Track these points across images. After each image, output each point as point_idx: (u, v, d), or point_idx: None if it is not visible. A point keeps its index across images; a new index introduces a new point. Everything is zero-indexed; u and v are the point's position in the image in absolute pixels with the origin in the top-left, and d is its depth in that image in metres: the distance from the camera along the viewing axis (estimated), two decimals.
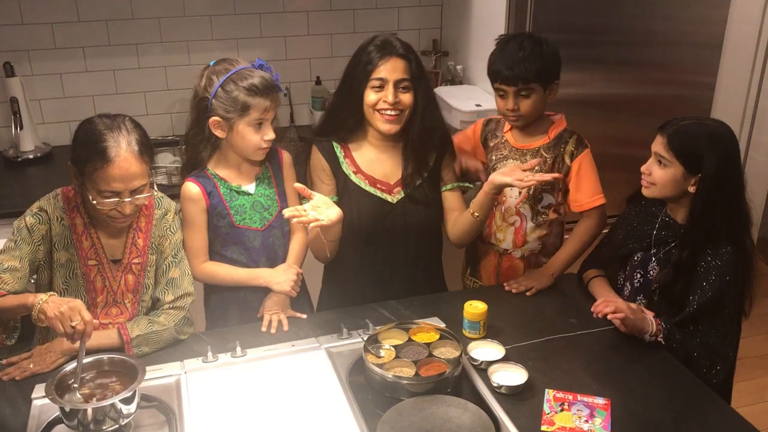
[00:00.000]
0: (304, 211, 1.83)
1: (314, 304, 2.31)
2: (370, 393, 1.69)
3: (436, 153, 2.15)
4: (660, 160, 1.88)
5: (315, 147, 2.14)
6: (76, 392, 1.54)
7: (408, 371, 1.69)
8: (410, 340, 1.81)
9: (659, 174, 1.89)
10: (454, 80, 3.34)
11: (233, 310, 2.11)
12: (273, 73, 1.99)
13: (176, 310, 1.89)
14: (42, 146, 3.07)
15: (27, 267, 1.79)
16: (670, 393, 1.72)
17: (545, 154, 2.22)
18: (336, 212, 1.87)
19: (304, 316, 2.03)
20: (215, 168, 2.04)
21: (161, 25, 3.14)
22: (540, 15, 2.80)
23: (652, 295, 1.97)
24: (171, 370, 1.76)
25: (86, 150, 1.71)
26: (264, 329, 1.95)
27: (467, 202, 2.17)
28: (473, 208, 2.08)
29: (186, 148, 2.10)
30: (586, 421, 1.59)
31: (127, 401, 1.51)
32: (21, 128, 2.96)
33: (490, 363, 1.76)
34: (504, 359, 1.78)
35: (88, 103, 3.13)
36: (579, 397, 1.65)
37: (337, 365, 1.79)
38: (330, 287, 2.28)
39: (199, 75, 2.00)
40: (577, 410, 1.62)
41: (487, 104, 3.00)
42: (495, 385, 1.70)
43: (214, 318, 2.16)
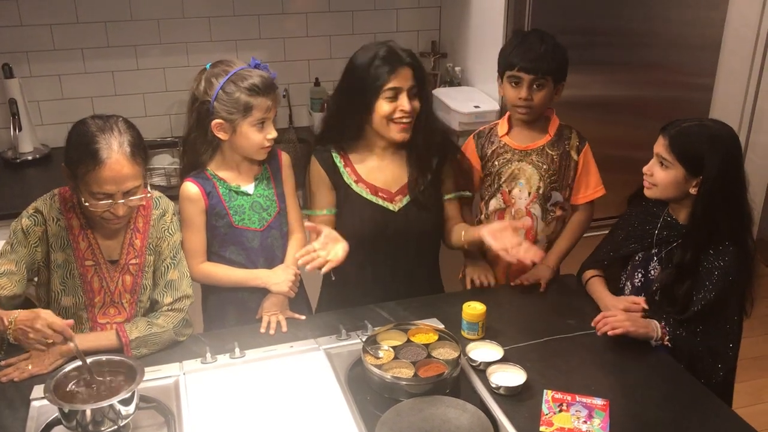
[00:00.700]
0: (314, 251, 1.84)
1: (313, 307, 2.31)
2: (369, 394, 1.69)
3: (438, 157, 2.15)
4: (662, 161, 1.89)
5: (314, 158, 2.14)
6: (93, 392, 1.54)
7: (407, 372, 1.69)
8: (409, 341, 1.81)
9: (661, 175, 1.89)
10: (453, 82, 3.34)
11: (231, 311, 2.11)
12: (269, 72, 2.00)
13: (175, 312, 1.89)
14: (41, 147, 3.07)
15: (24, 270, 1.79)
16: (669, 394, 1.72)
17: (550, 152, 2.24)
18: (343, 249, 1.87)
19: (303, 317, 2.03)
20: (214, 169, 2.04)
21: (160, 27, 3.14)
22: (538, 17, 2.80)
23: (653, 294, 1.97)
24: (170, 371, 1.76)
25: (78, 152, 1.70)
26: (263, 330, 1.95)
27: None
28: (465, 237, 2.13)
29: (184, 151, 2.09)
30: (585, 422, 1.59)
31: (125, 402, 1.51)
32: (20, 129, 2.96)
33: (489, 364, 1.76)
34: (502, 360, 1.78)
35: (86, 105, 3.12)
36: (577, 398, 1.66)
37: (335, 366, 1.79)
38: (330, 291, 2.28)
39: (195, 79, 1.99)
40: (576, 411, 1.62)
41: (485, 106, 3.00)
42: (493, 385, 1.70)
43: (211, 319, 2.16)
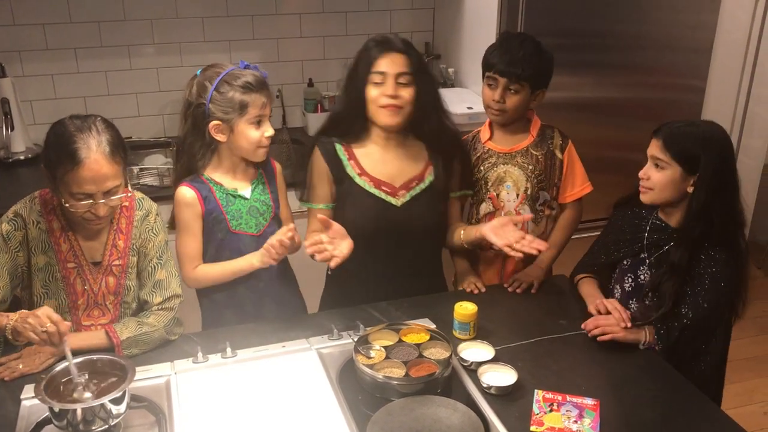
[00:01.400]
0: (322, 243, 1.85)
1: (317, 304, 2.29)
2: (361, 394, 1.69)
3: (443, 157, 2.15)
4: (657, 163, 1.89)
5: (318, 149, 2.12)
6: (84, 391, 1.54)
7: (398, 372, 1.69)
8: (400, 341, 1.81)
9: (657, 177, 1.89)
10: (446, 83, 3.35)
11: (228, 313, 2.10)
12: (260, 71, 2.00)
13: (165, 311, 1.88)
14: (33, 147, 3.06)
15: (7, 276, 1.77)
16: (659, 394, 1.72)
17: (534, 152, 2.24)
18: (348, 246, 1.89)
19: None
20: (210, 173, 2.03)
21: (153, 27, 3.14)
22: (531, 19, 2.82)
23: (644, 298, 1.97)
24: (161, 371, 1.75)
25: (56, 153, 1.68)
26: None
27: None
28: (465, 237, 2.15)
29: (179, 156, 2.07)
30: (575, 422, 1.59)
31: (116, 401, 1.50)
32: (12, 129, 2.95)
33: (480, 364, 1.77)
34: (494, 360, 1.78)
35: (79, 105, 3.12)
36: (568, 398, 1.66)
37: (327, 366, 1.79)
38: (332, 288, 2.28)
39: (187, 86, 1.98)
40: (566, 411, 1.63)
41: (478, 107, 2.99)
42: (485, 385, 1.70)
43: (208, 323, 2.15)
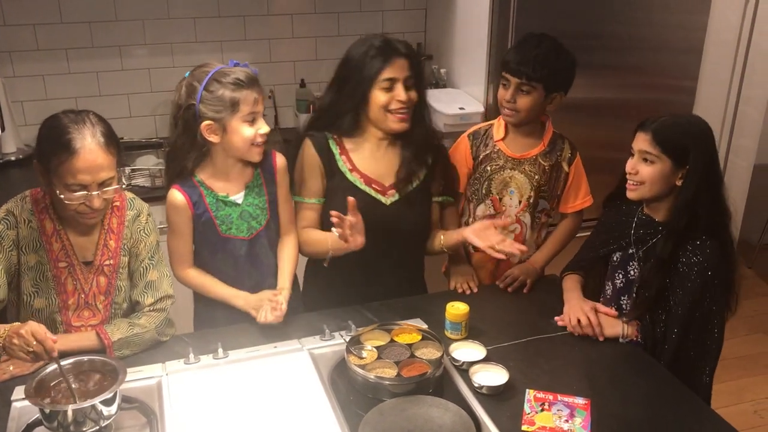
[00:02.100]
0: (345, 222, 1.89)
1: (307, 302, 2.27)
2: (352, 394, 1.69)
3: (431, 159, 2.15)
4: (646, 157, 1.88)
5: (309, 141, 2.10)
6: (74, 393, 1.53)
7: (390, 372, 1.70)
8: (392, 341, 1.81)
9: (647, 171, 1.89)
10: (438, 84, 3.35)
11: (220, 316, 2.08)
12: (251, 69, 1.98)
13: (157, 312, 1.88)
14: (24, 148, 3.05)
15: (4, 275, 1.77)
16: (650, 393, 1.73)
17: (543, 162, 2.24)
18: (360, 242, 1.93)
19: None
20: (203, 177, 1.99)
21: (145, 27, 3.13)
22: (522, 20, 2.82)
23: (635, 293, 1.97)
24: (152, 372, 1.75)
25: (51, 144, 1.69)
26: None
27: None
28: (445, 242, 2.15)
29: (170, 159, 2.04)
30: (566, 421, 1.60)
31: (107, 403, 1.50)
32: (3, 130, 2.93)
33: (472, 363, 1.77)
34: (485, 360, 1.79)
35: (70, 105, 3.09)
36: (559, 397, 1.67)
37: (319, 366, 1.79)
38: (311, 286, 2.27)
39: (176, 89, 1.95)
40: (558, 410, 1.63)
41: (470, 108, 3.01)
42: (476, 385, 1.70)
43: (201, 323, 2.14)
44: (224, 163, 1.98)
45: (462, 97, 3.14)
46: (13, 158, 2.99)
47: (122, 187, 1.80)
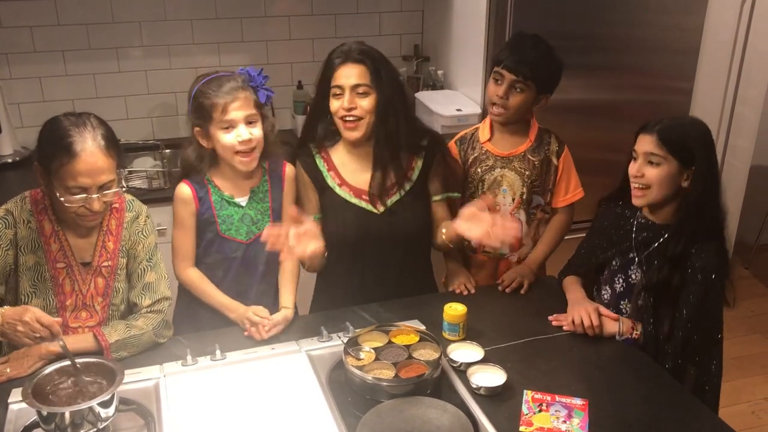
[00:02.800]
0: (282, 236, 1.77)
1: (308, 308, 2.28)
2: (350, 395, 1.69)
3: (422, 161, 2.13)
4: (651, 159, 1.87)
5: (299, 164, 2.14)
6: (72, 390, 1.54)
7: (388, 373, 1.69)
8: (390, 342, 1.81)
9: (654, 174, 1.87)
10: (435, 85, 3.35)
11: (202, 312, 2.08)
12: (255, 76, 1.99)
13: (154, 314, 1.88)
14: (21, 150, 3.04)
15: None
16: (647, 393, 1.73)
17: (531, 158, 2.25)
18: (314, 247, 1.82)
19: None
20: (212, 176, 2.05)
21: (142, 29, 3.13)
22: (520, 21, 2.82)
23: (636, 297, 1.97)
24: (150, 374, 1.75)
25: (52, 146, 1.70)
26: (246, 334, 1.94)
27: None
28: (447, 238, 2.10)
29: (183, 155, 2.07)
30: (564, 422, 1.60)
31: (105, 404, 1.50)
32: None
33: (470, 364, 1.77)
34: (483, 361, 1.79)
35: (67, 107, 3.05)
36: (557, 398, 1.67)
37: (317, 368, 1.79)
38: (321, 296, 2.27)
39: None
40: (555, 411, 1.63)
41: (467, 109, 3.01)
42: (474, 386, 1.71)
43: (181, 319, 2.12)
44: (228, 168, 2.03)
45: (459, 99, 3.14)
46: (10, 160, 2.99)
47: (122, 190, 1.81)
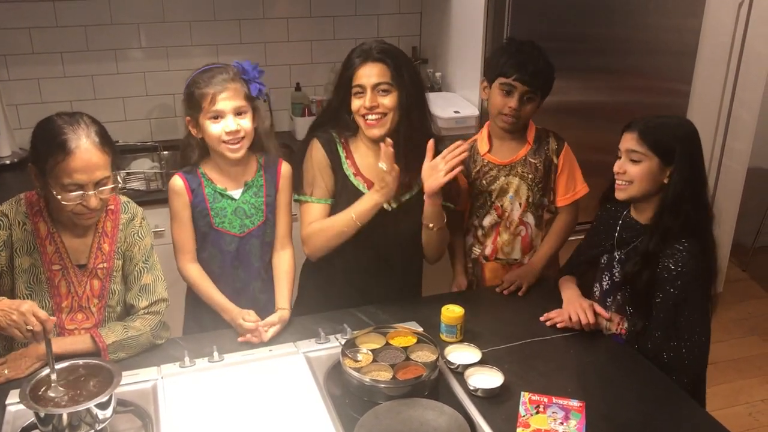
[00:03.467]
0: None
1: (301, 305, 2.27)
2: (348, 397, 1.69)
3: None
4: (633, 157, 1.90)
5: (317, 141, 2.10)
6: (57, 389, 1.53)
7: (385, 375, 1.70)
8: (387, 344, 1.82)
9: (635, 170, 1.90)
10: (434, 87, 3.36)
11: (207, 311, 2.08)
12: (248, 70, 2.00)
13: (152, 315, 1.88)
14: (19, 152, 3.04)
15: None
16: (644, 395, 1.74)
17: (533, 160, 2.26)
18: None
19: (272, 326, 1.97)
20: (206, 169, 2.05)
21: (140, 31, 3.13)
22: (518, 23, 2.83)
23: (615, 294, 1.99)
24: (148, 375, 1.75)
25: (46, 145, 1.70)
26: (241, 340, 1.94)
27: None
28: (426, 219, 2.09)
29: (181, 151, 2.10)
30: (561, 423, 1.60)
31: (102, 406, 1.50)
32: None
33: (467, 366, 1.78)
34: (480, 362, 1.79)
35: (66, 109, 2.97)
36: (554, 400, 1.67)
37: (314, 369, 1.79)
38: (309, 288, 2.25)
39: None
40: (552, 413, 1.63)
41: (465, 111, 3.02)
42: (471, 388, 1.71)
43: (189, 317, 2.16)
44: (220, 159, 2.03)
45: (457, 101, 3.14)
46: (8, 162, 2.98)
47: (118, 187, 1.81)
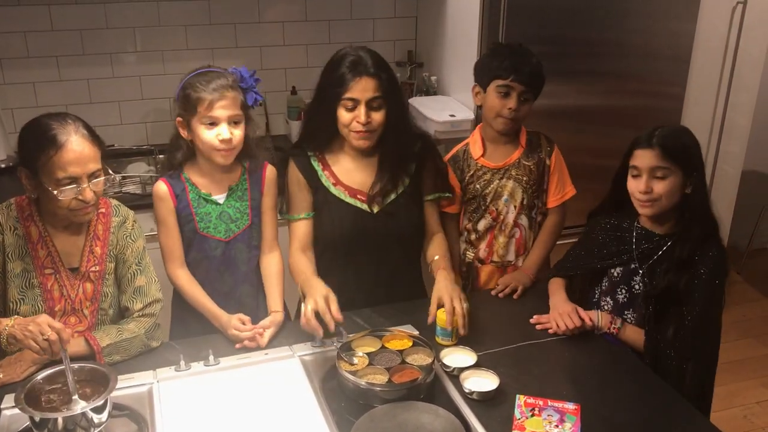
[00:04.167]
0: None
1: (293, 311, 2.28)
2: (344, 400, 1.69)
3: (416, 163, 2.15)
4: (657, 174, 1.87)
5: (292, 161, 2.14)
6: (65, 395, 1.54)
7: (381, 378, 1.70)
8: (383, 347, 1.82)
9: (662, 187, 1.87)
10: (429, 91, 3.36)
11: (193, 318, 2.08)
12: (246, 78, 2.01)
13: (146, 317, 1.88)
14: (14, 155, 3.03)
15: None
16: (639, 398, 1.74)
17: (526, 162, 2.27)
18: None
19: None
20: (190, 173, 2.05)
21: (136, 35, 3.14)
22: (513, 27, 2.84)
23: (642, 306, 1.96)
24: (143, 379, 1.75)
25: (36, 143, 1.70)
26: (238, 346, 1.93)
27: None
28: (433, 267, 2.12)
29: (167, 153, 2.10)
30: (557, 426, 1.61)
31: (98, 410, 1.50)
32: None
33: (462, 369, 1.78)
34: (476, 365, 1.79)
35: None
36: (549, 403, 1.67)
37: (310, 373, 1.79)
38: None
39: None
40: (548, 415, 1.64)
41: (460, 114, 3.02)
42: (467, 391, 1.71)
43: (175, 324, 2.16)
44: (206, 163, 2.03)
45: (452, 104, 3.15)
46: (3, 165, 2.98)
47: (111, 179, 1.82)
